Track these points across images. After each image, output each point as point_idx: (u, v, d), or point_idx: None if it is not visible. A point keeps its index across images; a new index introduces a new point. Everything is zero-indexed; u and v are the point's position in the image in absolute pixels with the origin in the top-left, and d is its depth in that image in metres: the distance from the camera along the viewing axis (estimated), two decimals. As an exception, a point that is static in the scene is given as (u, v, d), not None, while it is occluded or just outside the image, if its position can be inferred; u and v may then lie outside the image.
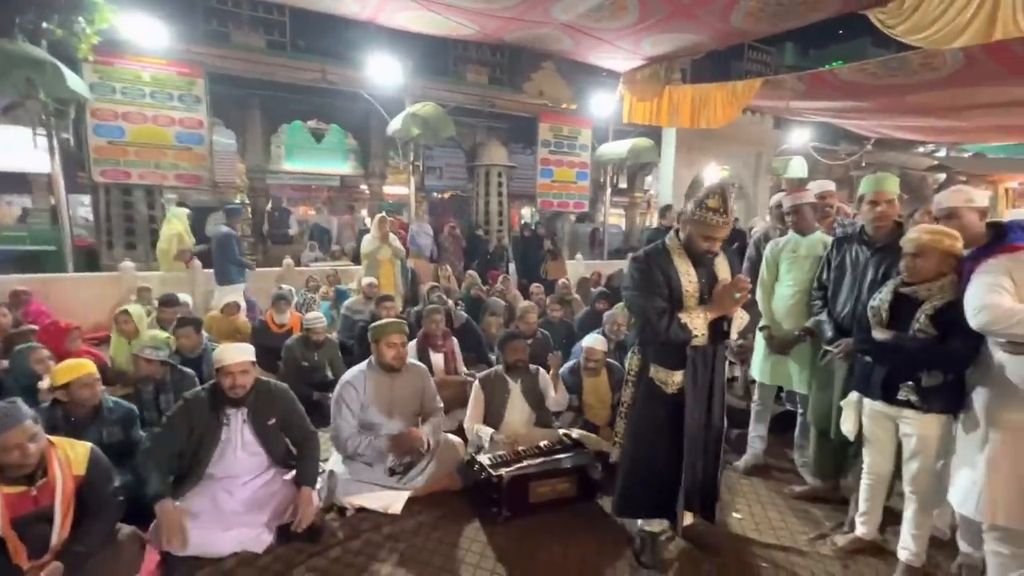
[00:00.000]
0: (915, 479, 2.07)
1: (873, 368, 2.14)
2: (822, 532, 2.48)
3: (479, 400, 3.06)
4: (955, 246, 1.94)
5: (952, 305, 1.92)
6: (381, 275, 5.88)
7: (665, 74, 7.65)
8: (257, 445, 2.41)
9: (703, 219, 2.00)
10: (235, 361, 2.30)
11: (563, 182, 10.29)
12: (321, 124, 10.64)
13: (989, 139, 8.50)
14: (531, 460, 2.64)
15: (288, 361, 4.05)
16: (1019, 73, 5.06)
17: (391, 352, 2.71)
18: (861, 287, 2.39)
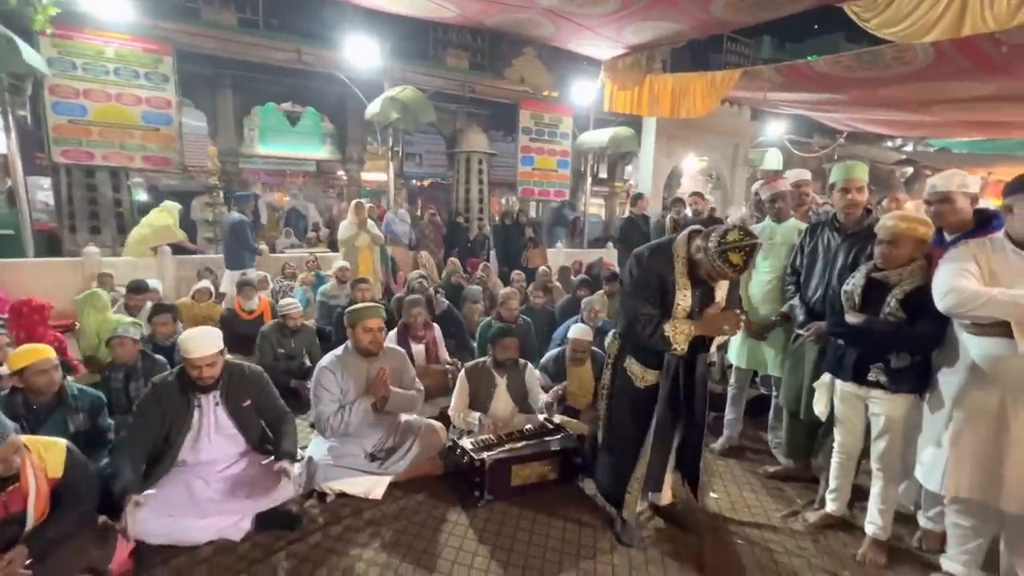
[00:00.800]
0: (882, 457, 2.15)
1: (845, 351, 2.21)
2: (794, 509, 2.57)
3: (464, 389, 3.05)
4: (928, 233, 2.00)
5: (921, 290, 1.99)
6: (359, 262, 5.79)
7: (646, 63, 7.66)
8: (232, 428, 2.37)
9: (719, 269, 1.89)
10: (200, 355, 2.24)
11: (544, 170, 10.26)
12: (296, 107, 10.35)
13: (955, 134, 8.80)
14: (513, 444, 2.65)
15: (263, 349, 3.96)
16: (985, 69, 5.25)
17: (367, 337, 2.67)
18: (832, 272, 2.46)
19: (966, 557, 1.96)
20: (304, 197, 13.75)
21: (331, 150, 11.45)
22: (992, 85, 5.63)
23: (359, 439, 2.68)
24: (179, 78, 7.00)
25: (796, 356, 2.69)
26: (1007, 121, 7.19)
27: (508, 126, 10.56)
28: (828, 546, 2.30)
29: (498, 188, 12.07)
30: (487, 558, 2.16)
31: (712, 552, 2.24)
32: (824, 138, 11.89)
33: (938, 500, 2.18)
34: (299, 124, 11.07)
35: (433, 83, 8.93)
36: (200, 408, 2.32)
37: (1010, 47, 4.59)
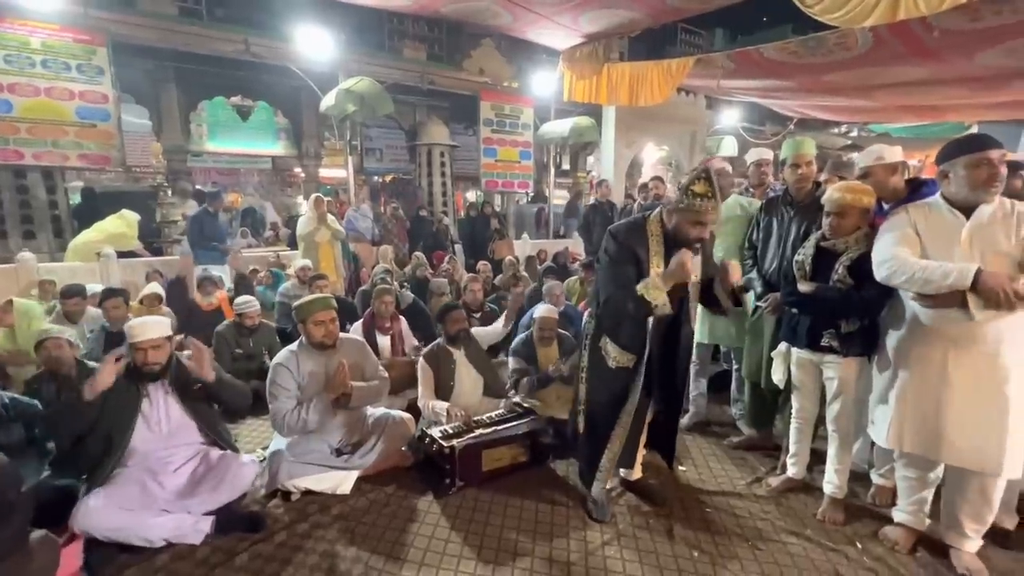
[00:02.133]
0: (837, 419, 2.25)
1: (799, 319, 2.28)
2: (758, 476, 2.65)
3: (428, 375, 3.01)
4: (871, 203, 2.09)
5: (866, 256, 2.07)
6: (320, 258, 5.63)
7: (604, 52, 7.73)
8: (184, 416, 2.28)
9: (691, 206, 1.94)
10: (145, 338, 2.18)
11: (507, 162, 10.23)
12: (247, 100, 9.94)
13: (895, 119, 9.27)
14: (483, 430, 2.63)
15: (220, 349, 3.80)
16: (919, 54, 5.54)
17: (319, 330, 2.57)
18: (786, 245, 2.54)
19: (914, 507, 2.07)
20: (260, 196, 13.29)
21: (286, 146, 11.08)
22: (925, 69, 5.95)
23: (324, 434, 2.60)
24: (117, 71, 6.59)
25: (755, 328, 2.77)
26: (940, 104, 7.63)
27: (469, 118, 10.47)
28: (790, 508, 2.39)
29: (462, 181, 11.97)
30: (460, 544, 2.14)
31: (681, 522, 2.29)
32: (776, 125, 12.33)
33: (889, 457, 2.30)
34: (251, 119, 10.63)
35: (391, 75, 8.74)
36: (148, 397, 2.23)
37: (940, 32, 4.86)
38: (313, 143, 9.83)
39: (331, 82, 7.65)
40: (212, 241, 6.43)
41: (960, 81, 6.27)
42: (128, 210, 6.32)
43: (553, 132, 9.80)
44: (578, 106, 9.82)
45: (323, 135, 9.94)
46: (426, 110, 10.24)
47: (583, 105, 9.77)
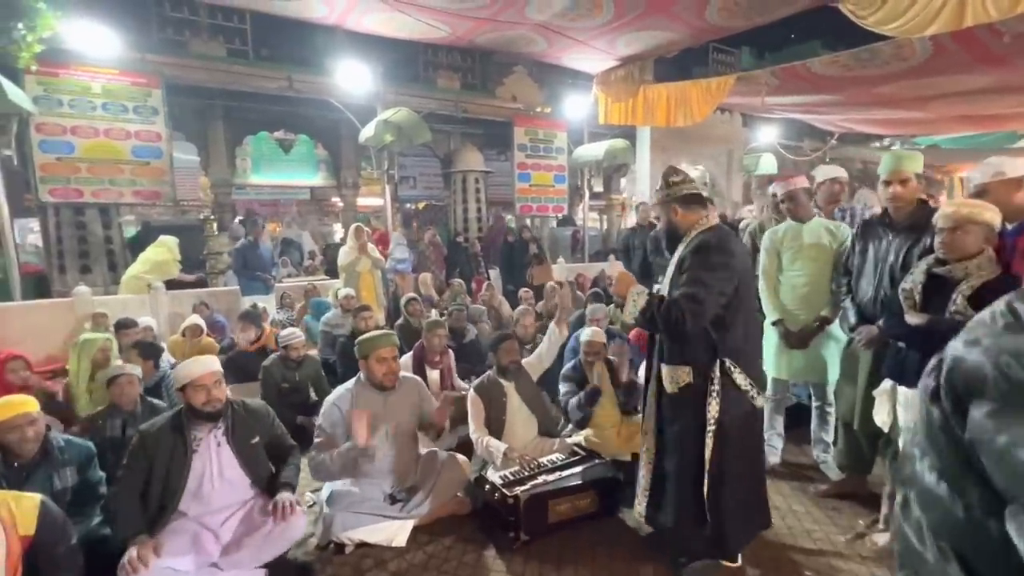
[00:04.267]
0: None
1: (907, 355, 2.02)
2: (858, 532, 2.35)
3: (478, 408, 2.84)
4: (995, 220, 1.84)
5: (992, 284, 1.82)
6: (361, 287, 5.59)
7: (639, 74, 7.65)
8: (237, 468, 2.14)
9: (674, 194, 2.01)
10: (205, 372, 2.05)
11: (541, 186, 10.17)
12: (288, 134, 10.24)
13: (952, 129, 8.80)
14: (546, 476, 2.43)
15: (267, 384, 3.73)
16: (984, 61, 5.21)
17: (382, 368, 2.45)
18: (883, 271, 2.29)
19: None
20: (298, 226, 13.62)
21: (325, 176, 11.34)
22: (991, 77, 5.59)
23: (376, 479, 2.45)
24: (169, 110, 6.87)
25: (849, 363, 2.50)
26: (1003, 114, 7.18)
27: (503, 144, 10.50)
28: (904, 572, 2.08)
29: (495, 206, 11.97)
30: (531, 610, 1.92)
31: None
32: (815, 141, 11.93)
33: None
34: (292, 152, 10.96)
35: (426, 105, 8.86)
36: (198, 451, 2.08)
37: (1012, 36, 4.55)
38: (351, 173, 10.00)
39: (369, 114, 7.78)
40: (256, 271, 6.53)
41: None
42: (166, 236, 6.47)
43: (587, 155, 9.71)
44: (611, 128, 9.73)
45: (360, 165, 10.11)
46: (460, 137, 10.31)
47: (616, 128, 9.69)
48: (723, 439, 1.88)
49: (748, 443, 1.97)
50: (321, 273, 8.88)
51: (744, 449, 1.94)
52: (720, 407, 1.86)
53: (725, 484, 1.89)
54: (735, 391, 1.87)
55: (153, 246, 6.26)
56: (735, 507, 1.92)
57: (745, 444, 1.94)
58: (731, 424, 1.88)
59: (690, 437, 1.92)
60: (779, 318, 2.77)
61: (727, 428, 1.87)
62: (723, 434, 1.88)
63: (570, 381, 3.19)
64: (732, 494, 1.91)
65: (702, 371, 1.88)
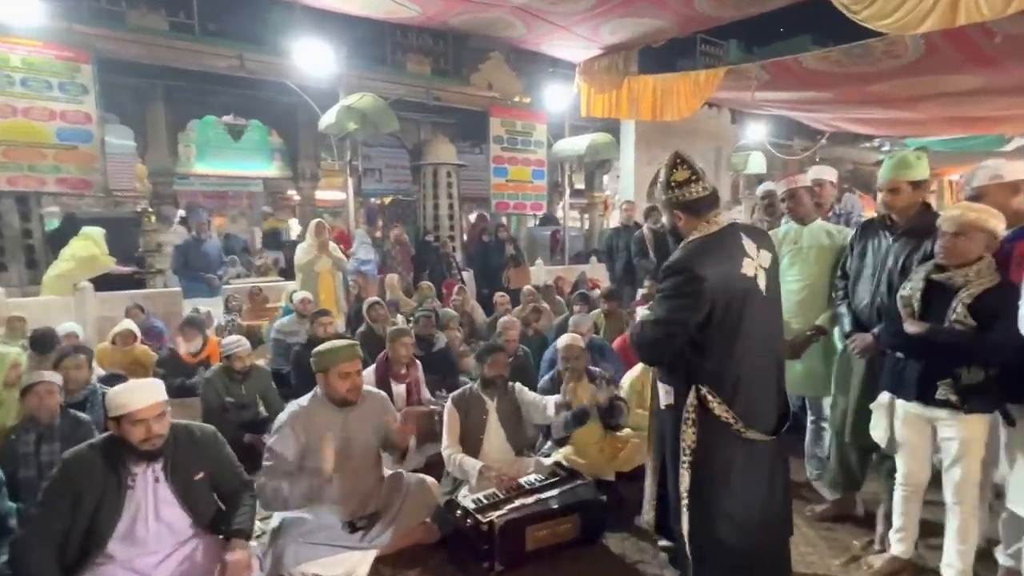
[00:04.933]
0: (959, 488, 2.00)
1: (906, 365, 2.07)
2: (854, 554, 2.39)
3: (454, 422, 2.78)
4: (1000, 227, 1.90)
5: (992, 291, 1.88)
6: (320, 290, 5.46)
7: (624, 65, 7.73)
8: (178, 507, 1.98)
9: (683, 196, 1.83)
10: (147, 404, 1.84)
11: (518, 181, 10.16)
12: (239, 119, 9.96)
13: (942, 131, 9.19)
14: (524, 499, 2.39)
15: (208, 397, 3.58)
16: (976, 62, 5.45)
17: (345, 384, 2.36)
18: (881, 276, 2.34)
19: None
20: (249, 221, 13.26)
21: (280, 167, 11.07)
22: (982, 78, 5.86)
23: (333, 506, 2.36)
24: (101, 89, 6.57)
25: (842, 372, 2.55)
26: (993, 116, 7.54)
27: (477, 136, 10.46)
28: (902, 597, 2.12)
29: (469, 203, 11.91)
30: (507, 650, 1.87)
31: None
32: (805, 140, 12.31)
33: (1021, 534, 2.04)
34: (243, 139, 10.64)
35: (393, 91, 8.74)
36: (134, 488, 1.91)
37: (1004, 37, 4.77)
38: (309, 164, 9.80)
39: (330, 99, 7.63)
40: (199, 271, 6.29)
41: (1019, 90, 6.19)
42: (90, 227, 6.16)
43: (568, 150, 9.76)
44: (594, 122, 9.82)
45: (320, 155, 9.92)
46: (431, 127, 10.23)
47: (599, 121, 9.77)
48: (700, 473, 1.78)
49: (737, 484, 1.79)
50: (274, 273, 8.65)
51: (732, 489, 1.79)
52: (696, 438, 1.78)
53: (708, 522, 1.79)
54: (715, 422, 1.75)
55: (76, 239, 5.96)
56: (724, 553, 1.80)
57: (732, 484, 1.79)
58: (710, 458, 1.78)
59: (672, 463, 1.86)
60: None
61: (707, 462, 1.78)
62: (702, 467, 1.79)
63: (548, 395, 3.16)
64: (719, 536, 1.79)
65: (680, 394, 1.82)
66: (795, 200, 2.88)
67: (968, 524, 2.02)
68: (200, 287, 6.25)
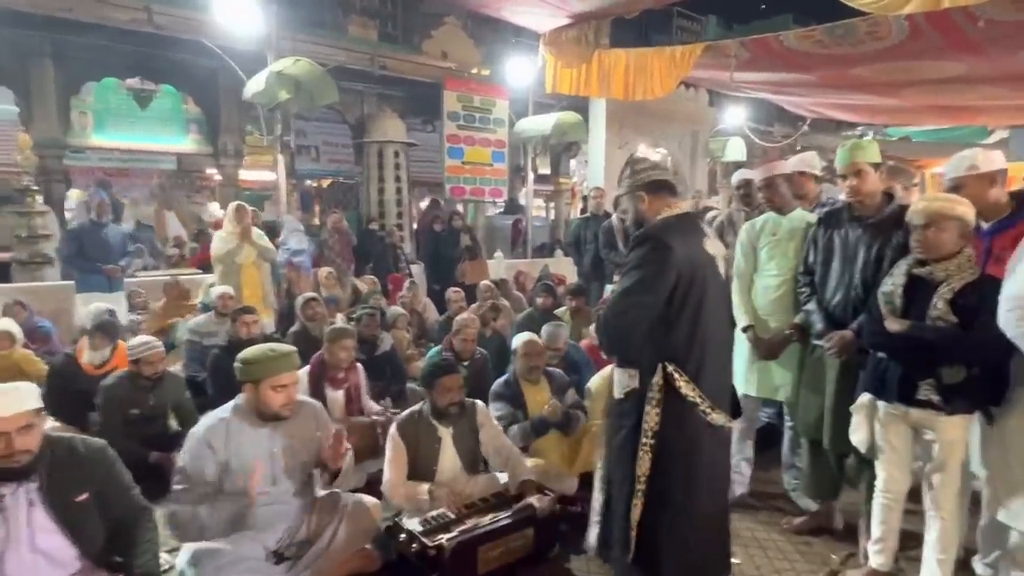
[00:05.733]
0: (940, 494, 2.11)
1: (888, 365, 2.16)
2: (832, 569, 2.50)
3: (400, 455, 2.70)
4: (969, 214, 2.01)
5: (973, 286, 1.99)
6: (244, 284, 5.26)
7: (594, 37, 7.79)
8: (58, 535, 1.87)
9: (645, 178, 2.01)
10: (8, 414, 1.72)
11: (476, 164, 10.12)
12: (147, 83, 9.48)
13: (924, 120, 9.74)
14: (477, 518, 2.38)
15: (108, 409, 3.41)
16: (958, 48, 5.79)
17: (279, 398, 2.25)
18: (853, 270, 2.45)
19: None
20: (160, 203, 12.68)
21: (198, 141, 10.62)
22: (964, 65, 6.24)
23: (257, 533, 2.27)
24: (-28, 42, 6.12)
25: (815, 374, 2.66)
26: (975, 105, 8.04)
27: (430, 111, 10.35)
28: (880, 612, 2.22)
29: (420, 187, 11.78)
30: None
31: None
32: (786, 127, 12.81)
33: (1001, 542, 2.17)
34: (151, 106, 10.12)
35: (333, 57, 8.55)
36: (4, 511, 1.80)
37: (987, 22, 5.09)
38: (233, 138, 9.43)
39: (257, 63, 7.37)
40: (98, 260, 5.97)
41: (999, 79, 6.61)
42: None
43: (532, 130, 9.78)
44: (560, 99, 9.88)
45: (245, 129, 9.58)
46: (376, 100, 10.04)
47: (567, 98, 9.84)
48: (661, 457, 1.88)
49: (699, 470, 1.92)
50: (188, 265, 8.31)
51: (692, 476, 1.91)
52: (660, 419, 1.87)
53: (663, 511, 1.88)
54: (679, 402, 1.87)
55: None
56: (675, 544, 1.91)
57: (694, 470, 1.91)
58: (673, 441, 1.88)
59: (627, 450, 1.94)
60: (749, 324, 2.89)
61: (667, 445, 1.88)
62: (662, 451, 1.88)
63: (502, 400, 3.16)
64: (673, 527, 1.90)
65: (644, 377, 1.92)
66: (772, 189, 2.98)
67: (949, 533, 2.14)
68: (98, 280, 5.93)
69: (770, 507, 3.01)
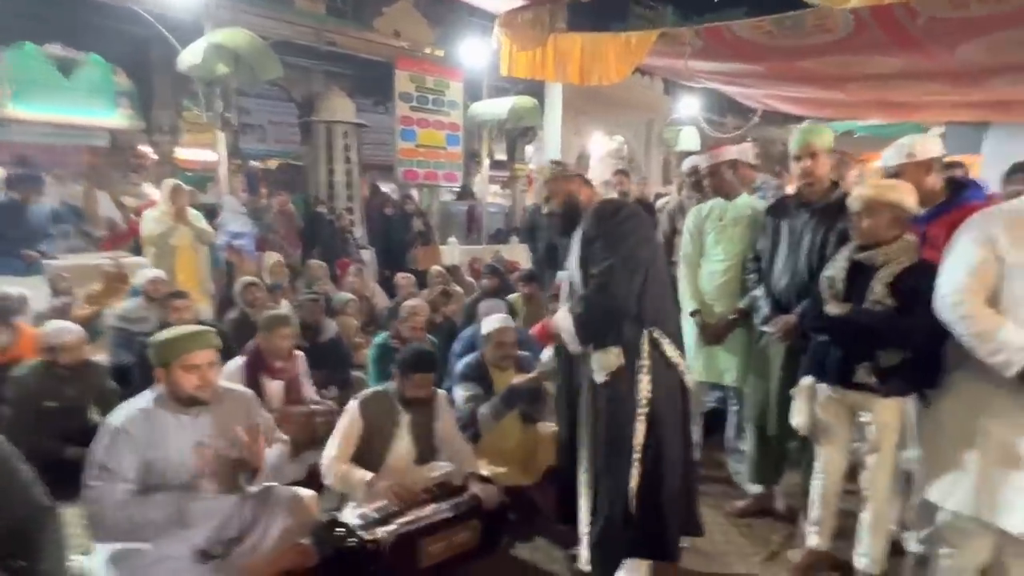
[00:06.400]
0: (874, 475, 2.18)
1: (828, 349, 2.20)
2: (772, 550, 2.55)
3: (354, 429, 2.60)
4: (904, 200, 2.05)
5: (912, 271, 2.03)
6: (178, 268, 5.01)
7: (550, 20, 7.71)
8: None
9: None
10: None
11: (429, 147, 9.92)
12: (70, 50, 8.83)
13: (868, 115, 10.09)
14: (419, 511, 2.30)
15: (19, 401, 3.16)
16: (900, 43, 5.98)
17: (191, 379, 2.11)
18: (799, 256, 2.49)
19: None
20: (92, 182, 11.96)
21: (130, 116, 9.97)
22: (903, 61, 6.46)
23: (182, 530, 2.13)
24: None
25: (760, 359, 2.71)
26: (913, 101, 8.38)
27: (381, 91, 10.08)
28: (818, 590, 2.29)
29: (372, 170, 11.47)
30: None
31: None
32: (738, 118, 13.08)
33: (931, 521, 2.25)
34: (76, 76, 9.43)
35: (277, 30, 8.17)
36: None
37: (927, 19, 5.28)
38: (168, 114, 8.93)
39: (193, 33, 6.97)
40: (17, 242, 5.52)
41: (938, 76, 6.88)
42: None
43: (487, 113, 9.66)
44: (516, 83, 9.76)
45: (182, 104, 9.07)
46: (324, 78, 9.69)
47: (523, 83, 9.73)
48: (655, 421, 2.03)
49: (680, 427, 2.12)
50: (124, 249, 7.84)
51: (676, 434, 2.09)
52: (652, 384, 2.02)
53: (663, 473, 2.03)
54: (665, 365, 2.05)
55: None
56: (671, 501, 2.06)
57: (677, 428, 2.10)
58: (663, 403, 2.04)
59: (622, 427, 2.04)
60: (696, 309, 2.91)
61: (659, 408, 2.03)
62: (655, 415, 2.03)
63: (470, 380, 3.06)
64: (670, 485, 2.05)
65: (632, 347, 2.03)
66: (717, 176, 3.03)
67: (882, 512, 2.21)
68: (14, 263, 5.50)
69: (714, 491, 3.06)
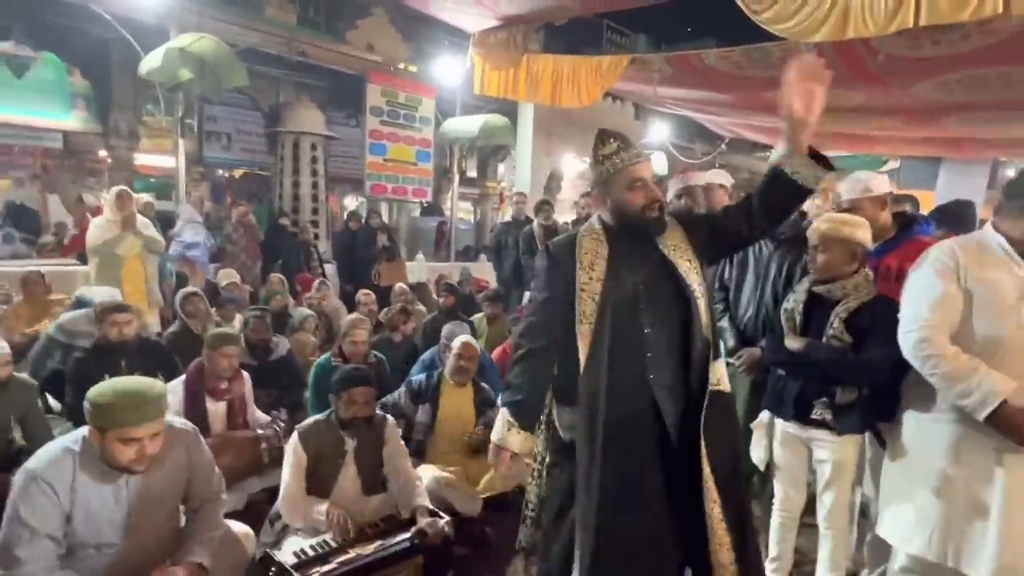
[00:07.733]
0: (831, 512, 2.13)
1: (786, 383, 2.17)
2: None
3: (299, 463, 2.45)
4: (856, 234, 2.04)
5: (867, 306, 2.02)
6: (124, 279, 4.76)
7: (523, 41, 7.77)
8: None
9: (611, 169, 1.78)
10: None
11: (399, 162, 9.84)
12: (22, 49, 8.50)
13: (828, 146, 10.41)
14: (361, 547, 2.17)
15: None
16: (861, 79, 6.19)
17: (127, 451, 1.78)
18: (765, 287, 2.47)
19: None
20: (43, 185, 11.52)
21: (86, 118, 9.65)
22: (863, 95, 6.69)
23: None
24: None
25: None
26: (872, 135, 8.69)
27: (352, 104, 9.99)
28: (774, 630, 2.22)
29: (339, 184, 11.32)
30: None
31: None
32: (706, 144, 13.40)
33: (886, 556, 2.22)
34: (28, 76, 9.08)
35: (245, 38, 8.05)
36: None
37: (885, 56, 5.46)
38: (126, 117, 8.66)
39: (157, 37, 6.80)
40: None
41: (895, 112, 7.15)
42: None
43: (459, 130, 9.64)
44: (489, 102, 9.79)
45: (142, 108, 8.82)
46: (293, 88, 9.57)
47: (496, 101, 9.77)
48: None
49: None
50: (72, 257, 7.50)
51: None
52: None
53: None
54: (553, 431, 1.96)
55: None
56: None
57: None
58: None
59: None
60: None
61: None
62: None
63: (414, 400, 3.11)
64: None
65: None
66: (692, 197, 3.01)
67: (839, 548, 2.17)
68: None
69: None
